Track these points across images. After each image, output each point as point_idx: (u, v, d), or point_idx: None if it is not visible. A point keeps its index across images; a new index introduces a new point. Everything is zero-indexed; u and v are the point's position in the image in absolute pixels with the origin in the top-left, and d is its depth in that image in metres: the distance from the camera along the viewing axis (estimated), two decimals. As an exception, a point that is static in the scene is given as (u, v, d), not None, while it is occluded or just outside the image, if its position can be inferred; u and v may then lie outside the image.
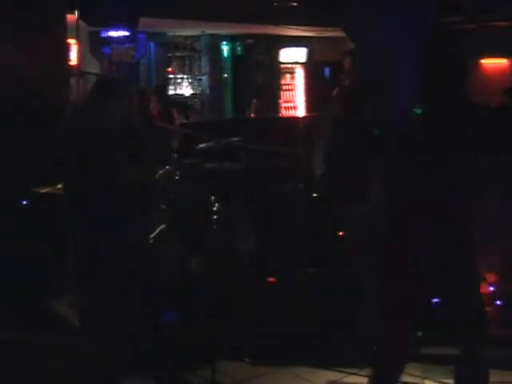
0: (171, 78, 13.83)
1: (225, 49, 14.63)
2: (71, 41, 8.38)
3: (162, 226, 5.09)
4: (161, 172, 5.35)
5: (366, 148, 5.09)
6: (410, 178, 3.53)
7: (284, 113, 14.79)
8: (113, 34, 11.55)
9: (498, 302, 4.96)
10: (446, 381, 4.69)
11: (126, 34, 11.49)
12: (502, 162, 4.97)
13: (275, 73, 15.18)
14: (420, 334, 5.00)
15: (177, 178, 5.47)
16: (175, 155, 5.63)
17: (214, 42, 14.41)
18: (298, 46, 14.89)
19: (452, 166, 3.48)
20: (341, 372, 4.78)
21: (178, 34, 13.85)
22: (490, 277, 4.98)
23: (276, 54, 14.98)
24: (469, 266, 3.53)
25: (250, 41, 14.54)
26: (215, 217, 5.26)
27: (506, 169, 5.11)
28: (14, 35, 6.68)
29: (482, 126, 4.08)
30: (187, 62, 14.36)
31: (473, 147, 3.72)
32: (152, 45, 13.38)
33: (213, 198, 4.68)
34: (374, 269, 3.69)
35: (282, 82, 15.30)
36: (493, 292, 4.97)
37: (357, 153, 5.18)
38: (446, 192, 3.47)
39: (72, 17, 7.69)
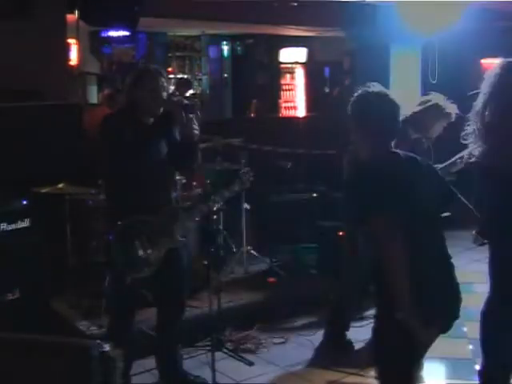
0: (171, 78, 13.83)
1: (225, 49, 14.61)
2: (71, 41, 8.38)
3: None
4: None
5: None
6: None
7: (284, 113, 14.78)
8: (113, 33, 11.53)
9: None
10: (445, 380, 4.70)
11: (126, 33, 11.48)
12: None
13: (275, 73, 15.16)
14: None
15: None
16: None
17: (214, 42, 14.41)
18: (297, 46, 14.87)
19: None
20: (341, 372, 4.78)
21: (178, 33, 13.85)
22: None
23: (276, 54, 14.96)
24: None
25: (250, 41, 14.53)
26: (215, 217, 5.27)
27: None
28: (14, 35, 6.67)
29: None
30: (187, 62, 14.35)
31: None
32: (152, 45, 13.36)
33: (212, 197, 4.67)
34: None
35: (282, 81, 15.28)
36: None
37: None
38: None
39: (72, 17, 7.68)
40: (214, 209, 4.75)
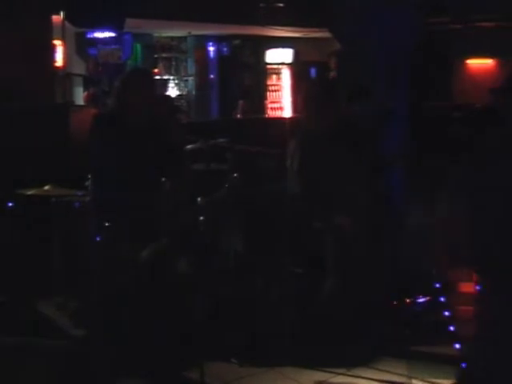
0: (157, 79, 13.80)
1: (211, 50, 14.60)
2: (57, 42, 8.36)
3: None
4: None
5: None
6: None
7: (270, 113, 14.79)
8: (99, 35, 11.52)
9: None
10: (433, 380, 4.71)
11: (112, 35, 11.46)
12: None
13: (262, 73, 15.19)
14: (407, 332, 5.03)
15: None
16: None
17: (201, 43, 14.40)
18: (284, 47, 14.90)
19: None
20: (328, 372, 4.78)
21: (164, 34, 13.83)
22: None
23: (262, 55, 14.99)
24: None
25: (236, 42, 14.53)
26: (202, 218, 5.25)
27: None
28: (0, 37, 6.66)
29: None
30: (173, 63, 14.33)
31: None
32: (138, 46, 13.34)
33: (199, 199, 4.67)
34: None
35: (269, 82, 15.30)
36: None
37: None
38: None
39: (57, 18, 7.67)
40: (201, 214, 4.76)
